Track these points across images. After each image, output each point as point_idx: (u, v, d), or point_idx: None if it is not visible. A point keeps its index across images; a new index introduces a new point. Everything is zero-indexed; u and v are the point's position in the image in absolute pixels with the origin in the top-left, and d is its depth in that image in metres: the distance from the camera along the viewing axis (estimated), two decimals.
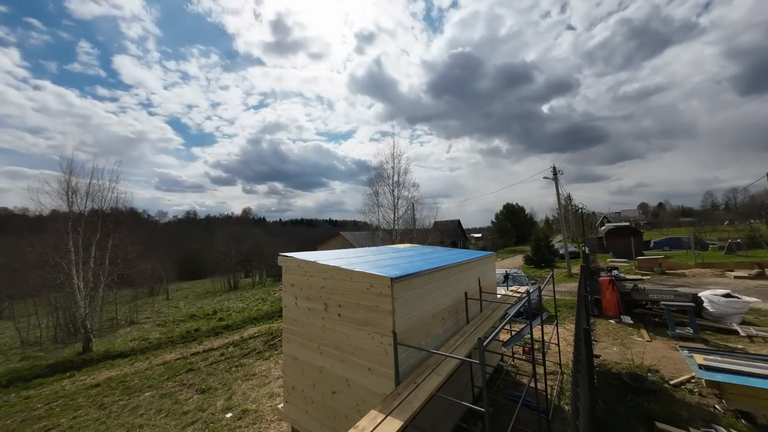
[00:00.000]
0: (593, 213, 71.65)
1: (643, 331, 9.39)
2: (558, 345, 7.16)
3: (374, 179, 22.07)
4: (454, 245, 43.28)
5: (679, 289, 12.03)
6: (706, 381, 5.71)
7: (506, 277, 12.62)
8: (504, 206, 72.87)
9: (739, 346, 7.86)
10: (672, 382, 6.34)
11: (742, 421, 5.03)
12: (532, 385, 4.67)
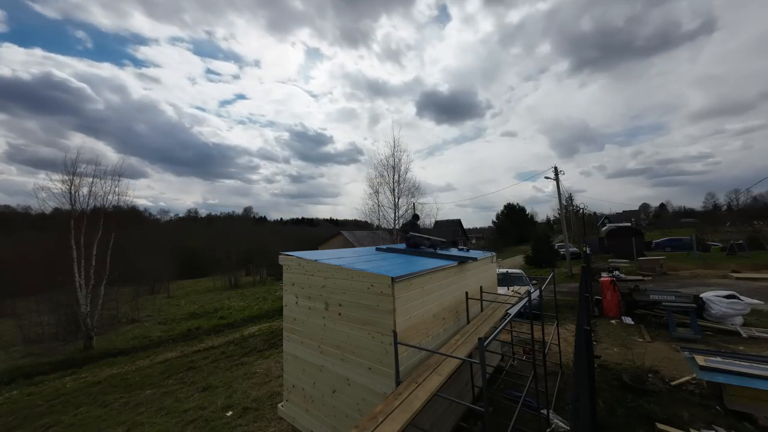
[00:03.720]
0: (594, 213, 71.50)
1: (644, 332, 9.37)
2: (558, 345, 7.15)
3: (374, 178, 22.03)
4: (454, 245, 43.20)
5: (680, 290, 11.99)
6: (707, 382, 5.70)
7: (507, 277, 12.59)
8: (505, 206, 72.97)
9: (741, 348, 7.84)
10: (673, 383, 6.32)
11: (744, 422, 5.02)
12: (533, 385, 4.67)
